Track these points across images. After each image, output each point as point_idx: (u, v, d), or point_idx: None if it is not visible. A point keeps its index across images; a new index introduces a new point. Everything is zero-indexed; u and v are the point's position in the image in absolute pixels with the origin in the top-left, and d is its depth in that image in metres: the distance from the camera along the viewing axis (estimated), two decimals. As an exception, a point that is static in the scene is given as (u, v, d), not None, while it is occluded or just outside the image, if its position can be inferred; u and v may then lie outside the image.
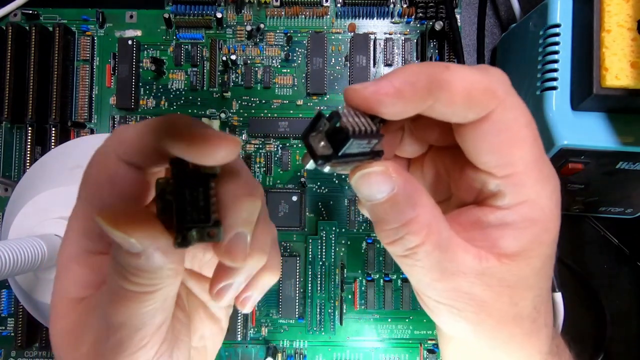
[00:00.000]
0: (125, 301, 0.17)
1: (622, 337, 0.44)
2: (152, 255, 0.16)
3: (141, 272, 0.16)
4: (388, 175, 0.18)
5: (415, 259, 0.18)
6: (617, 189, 0.37)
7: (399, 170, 0.18)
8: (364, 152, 0.17)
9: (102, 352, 0.18)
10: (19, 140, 0.42)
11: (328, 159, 0.16)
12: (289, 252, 0.42)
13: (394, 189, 0.17)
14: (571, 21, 0.33)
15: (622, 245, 0.44)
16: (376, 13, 0.42)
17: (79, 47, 0.43)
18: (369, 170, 0.18)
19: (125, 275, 0.16)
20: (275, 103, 0.43)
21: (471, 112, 0.17)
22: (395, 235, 0.18)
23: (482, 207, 0.19)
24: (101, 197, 0.18)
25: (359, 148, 0.17)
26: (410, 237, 0.18)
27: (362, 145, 0.17)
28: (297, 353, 0.42)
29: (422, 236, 0.18)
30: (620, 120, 0.32)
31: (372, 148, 0.18)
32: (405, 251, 0.18)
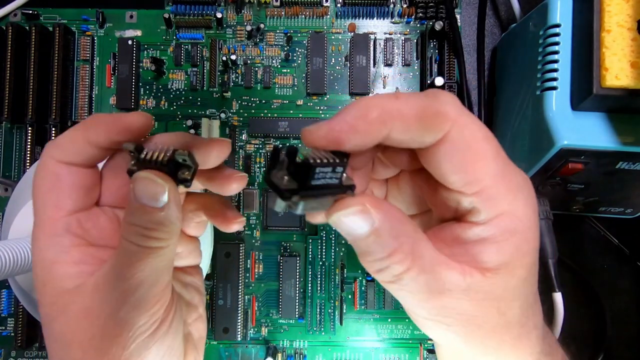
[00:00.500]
0: (145, 257, 0.19)
1: (622, 337, 0.44)
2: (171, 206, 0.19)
3: (161, 226, 0.19)
4: (366, 213, 0.18)
5: (402, 284, 0.19)
6: (617, 189, 0.37)
7: (377, 204, 0.18)
8: (333, 185, 0.17)
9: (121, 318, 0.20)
10: (19, 140, 0.42)
11: (295, 192, 0.16)
12: (289, 252, 0.42)
13: (374, 223, 0.18)
14: (571, 21, 0.33)
15: (622, 245, 0.44)
16: (376, 13, 0.42)
17: (79, 47, 0.43)
18: (346, 211, 0.18)
19: (145, 234, 0.19)
20: (275, 103, 0.43)
21: (427, 136, 0.18)
22: (380, 265, 0.18)
23: (460, 224, 0.20)
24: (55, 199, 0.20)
25: (325, 179, 0.17)
26: (395, 266, 0.18)
27: (328, 174, 0.17)
28: (297, 353, 0.42)
29: (407, 264, 0.18)
30: (620, 120, 0.32)
31: (341, 180, 0.17)
32: (392, 278, 0.19)
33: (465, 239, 0.19)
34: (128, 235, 0.19)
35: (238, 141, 0.43)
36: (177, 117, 0.43)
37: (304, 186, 0.16)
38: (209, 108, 0.43)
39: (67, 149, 0.20)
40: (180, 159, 0.19)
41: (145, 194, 0.19)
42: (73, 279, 0.20)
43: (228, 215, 0.24)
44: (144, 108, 0.43)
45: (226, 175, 0.23)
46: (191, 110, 0.43)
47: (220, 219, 0.24)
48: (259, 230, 0.42)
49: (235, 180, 0.23)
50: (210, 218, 0.25)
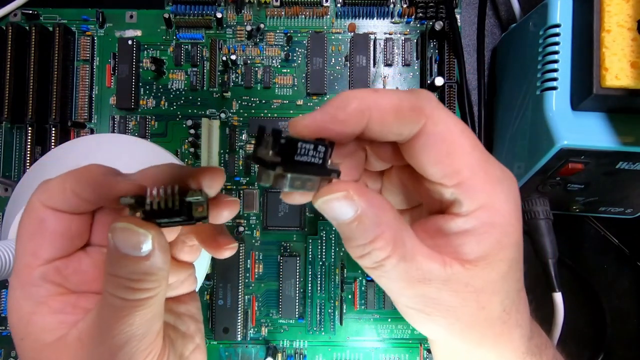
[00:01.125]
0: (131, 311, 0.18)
1: (622, 337, 0.44)
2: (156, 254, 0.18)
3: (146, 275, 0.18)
4: (350, 199, 0.18)
5: (383, 270, 0.19)
6: (617, 189, 0.37)
7: (361, 191, 0.19)
8: (318, 165, 0.18)
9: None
10: (19, 140, 0.42)
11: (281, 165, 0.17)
12: (289, 252, 0.42)
13: (358, 210, 0.18)
14: (571, 21, 0.33)
15: (622, 245, 0.44)
16: (376, 13, 0.42)
17: (79, 47, 0.43)
18: (331, 197, 0.18)
19: (130, 285, 0.18)
20: (275, 103, 0.43)
21: (404, 129, 0.19)
22: (362, 250, 0.19)
23: (444, 216, 0.20)
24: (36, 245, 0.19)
25: (308, 157, 0.17)
26: (377, 252, 0.19)
27: (310, 152, 0.17)
28: (297, 353, 0.42)
29: (388, 251, 0.19)
30: (620, 120, 0.32)
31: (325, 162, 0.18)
32: (374, 264, 0.19)
33: (448, 230, 0.20)
34: (111, 289, 0.18)
35: (238, 141, 0.43)
36: (177, 117, 0.43)
37: (288, 160, 0.17)
38: (209, 108, 0.43)
39: (54, 195, 0.19)
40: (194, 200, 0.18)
41: (127, 244, 0.17)
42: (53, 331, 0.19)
43: (220, 240, 0.23)
44: (144, 108, 0.43)
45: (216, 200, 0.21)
46: (191, 110, 0.43)
47: (212, 244, 0.23)
48: (259, 230, 0.42)
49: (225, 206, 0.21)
50: (201, 243, 0.23)
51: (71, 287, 0.20)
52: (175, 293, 0.24)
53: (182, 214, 0.18)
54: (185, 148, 0.42)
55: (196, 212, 0.19)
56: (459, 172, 0.19)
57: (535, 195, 0.38)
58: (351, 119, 0.18)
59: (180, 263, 0.24)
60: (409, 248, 0.19)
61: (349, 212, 0.18)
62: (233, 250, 0.23)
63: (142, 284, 0.18)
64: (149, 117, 0.43)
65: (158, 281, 0.18)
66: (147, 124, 0.42)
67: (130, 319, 0.18)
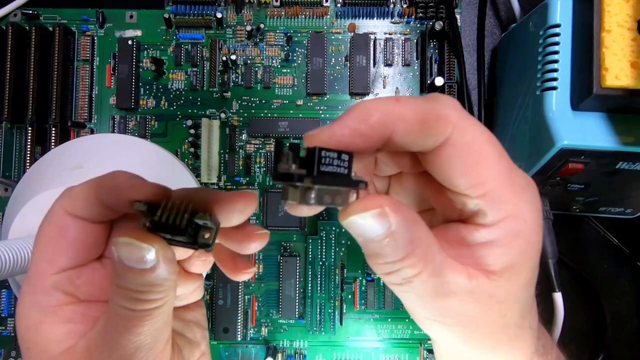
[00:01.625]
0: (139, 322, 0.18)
1: (622, 337, 0.44)
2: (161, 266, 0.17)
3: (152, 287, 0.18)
4: (385, 216, 0.17)
5: (410, 287, 0.18)
6: (617, 189, 0.37)
7: (396, 207, 0.17)
8: (344, 175, 0.16)
9: None
10: (19, 140, 0.42)
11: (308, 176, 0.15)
12: (289, 252, 0.42)
13: (391, 227, 0.17)
14: (571, 21, 0.33)
15: (622, 245, 0.44)
16: (376, 13, 0.42)
17: (79, 47, 0.43)
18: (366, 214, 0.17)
19: (136, 297, 0.18)
20: (275, 103, 0.43)
21: (429, 140, 0.18)
22: (391, 268, 0.18)
23: (466, 225, 0.19)
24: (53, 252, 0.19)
25: (333, 166, 0.16)
26: (407, 270, 0.18)
27: (335, 161, 0.16)
28: (297, 353, 0.42)
29: (419, 268, 0.18)
30: (620, 120, 0.32)
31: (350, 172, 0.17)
32: (401, 280, 0.18)
33: (471, 241, 0.19)
34: (118, 300, 0.18)
35: (238, 141, 0.43)
36: (177, 117, 0.43)
37: (313, 170, 0.15)
38: (209, 108, 0.43)
39: (78, 203, 0.19)
40: (201, 223, 0.18)
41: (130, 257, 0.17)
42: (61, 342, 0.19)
43: (238, 263, 0.22)
44: (144, 108, 0.43)
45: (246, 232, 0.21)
46: (191, 110, 0.43)
47: (229, 265, 0.22)
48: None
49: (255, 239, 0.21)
50: (218, 261, 0.23)
51: (82, 297, 0.20)
52: (183, 303, 0.24)
53: (185, 233, 0.17)
54: (185, 148, 0.42)
55: (202, 237, 0.18)
56: (485, 183, 0.18)
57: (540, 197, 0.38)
58: (374, 133, 0.17)
59: (190, 275, 0.23)
60: (438, 262, 0.18)
61: (381, 230, 0.17)
62: (250, 275, 0.23)
63: (149, 295, 0.18)
64: (149, 117, 0.43)
65: (165, 291, 0.18)
66: (147, 124, 0.42)
67: (138, 329, 0.18)
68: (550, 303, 0.38)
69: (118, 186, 0.19)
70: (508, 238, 0.18)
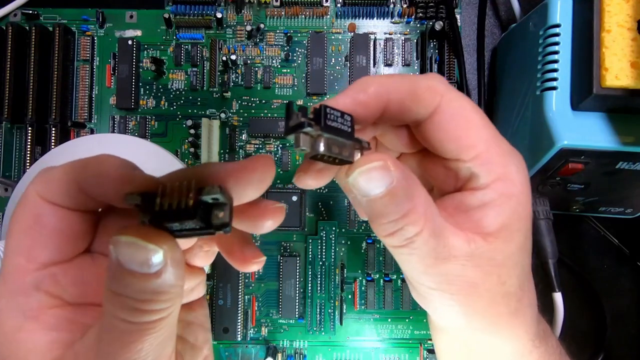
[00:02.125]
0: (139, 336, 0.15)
1: (622, 337, 0.44)
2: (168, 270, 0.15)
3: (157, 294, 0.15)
4: (387, 169, 0.18)
5: (412, 247, 0.19)
6: (617, 189, 0.37)
7: (396, 162, 0.18)
8: (348, 132, 0.18)
9: None
10: (19, 140, 0.42)
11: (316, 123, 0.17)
12: (289, 252, 0.42)
13: (393, 182, 0.18)
14: (571, 21, 0.33)
15: (622, 245, 0.44)
16: (376, 13, 0.42)
17: (79, 47, 0.43)
18: (369, 166, 0.18)
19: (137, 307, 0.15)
20: (275, 103, 0.43)
21: (420, 109, 0.20)
22: (393, 227, 0.19)
23: (462, 193, 0.21)
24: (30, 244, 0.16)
25: (337, 123, 0.18)
26: (409, 228, 0.18)
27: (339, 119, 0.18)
28: (297, 353, 0.42)
29: (420, 225, 0.18)
30: (620, 120, 0.32)
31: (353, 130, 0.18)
32: (404, 241, 0.19)
33: (468, 205, 0.20)
34: (114, 310, 0.15)
35: (238, 141, 0.43)
36: (177, 117, 0.43)
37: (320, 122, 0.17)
38: (209, 108, 0.43)
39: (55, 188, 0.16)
40: (210, 199, 0.15)
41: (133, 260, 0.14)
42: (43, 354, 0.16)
43: (246, 252, 0.20)
44: (144, 108, 0.43)
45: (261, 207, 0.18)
46: (191, 110, 0.43)
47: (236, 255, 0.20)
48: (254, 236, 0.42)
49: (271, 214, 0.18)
50: (224, 252, 0.20)
51: (68, 299, 0.17)
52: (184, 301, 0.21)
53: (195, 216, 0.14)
54: (185, 148, 0.42)
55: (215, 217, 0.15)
56: (475, 146, 0.20)
57: (535, 195, 0.38)
58: (372, 102, 0.19)
59: (192, 269, 0.21)
60: (438, 224, 0.19)
61: (382, 186, 0.18)
62: (260, 265, 0.20)
63: (152, 305, 0.15)
64: (149, 117, 0.43)
65: (171, 300, 0.15)
66: (147, 124, 0.42)
67: (138, 345, 0.15)
68: (550, 303, 0.38)
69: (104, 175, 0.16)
70: (501, 199, 0.20)
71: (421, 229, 0.18)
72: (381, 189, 0.18)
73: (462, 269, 0.19)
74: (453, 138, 0.20)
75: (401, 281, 0.42)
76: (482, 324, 0.21)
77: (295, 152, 0.42)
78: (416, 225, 0.18)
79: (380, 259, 0.42)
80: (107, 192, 0.16)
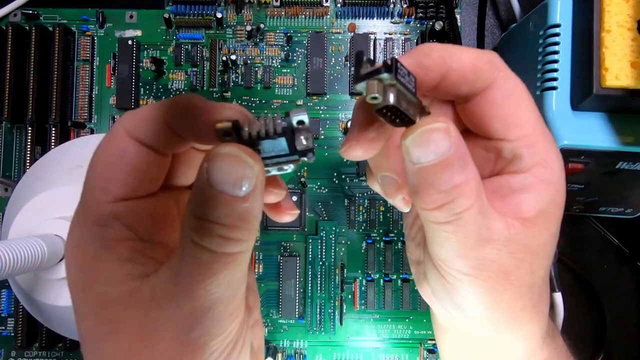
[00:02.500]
0: (222, 269, 0.15)
1: (622, 337, 0.44)
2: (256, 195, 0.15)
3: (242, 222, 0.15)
4: (448, 134, 0.17)
5: (459, 224, 0.18)
6: (617, 189, 0.37)
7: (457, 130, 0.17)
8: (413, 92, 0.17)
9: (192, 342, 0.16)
10: (19, 140, 0.42)
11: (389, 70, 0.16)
12: (289, 252, 0.42)
13: (450, 149, 0.17)
14: (571, 21, 0.33)
15: (622, 245, 0.44)
16: (376, 13, 0.42)
17: (79, 47, 0.43)
18: (431, 127, 0.17)
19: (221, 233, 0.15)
20: (275, 103, 0.43)
21: (478, 81, 0.19)
22: (445, 199, 0.17)
23: (502, 176, 0.20)
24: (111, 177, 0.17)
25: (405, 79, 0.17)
26: (461, 200, 0.17)
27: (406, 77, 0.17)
28: (297, 353, 0.42)
29: (472, 200, 0.17)
30: (620, 120, 0.32)
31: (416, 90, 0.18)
32: (451, 216, 0.18)
33: (507, 188, 0.20)
34: (197, 236, 0.15)
35: (238, 141, 0.43)
36: (177, 117, 0.42)
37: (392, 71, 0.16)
38: (209, 108, 0.43)
39: (143, 125, 0.17)
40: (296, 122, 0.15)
41: (228, 177, 0.15)
42: (120, 284, 0.16)
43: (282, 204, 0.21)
44: (144, 108, 0.43)
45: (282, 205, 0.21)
46: (191, 110, 0.43)
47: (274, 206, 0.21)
48: (259, 230, 0.42)
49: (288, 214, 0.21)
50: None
51: (141, 234, 0.17)
52: None
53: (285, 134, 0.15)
54: (185, 148, 0.42)
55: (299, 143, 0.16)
56: (523, 126, 0.19)
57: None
58: (434, 66, 0.19)
59: None
60: (485, 203, 0.18)
61: (442, 150, 0.17)
62: (294, 217, 0.22)
63: (236, 233, 0.15)
64: (149, 117, 0.42)
65: (252, 232, 0.16)
66: (147, 124, 0.42)
67: (219, 278, 0.15)
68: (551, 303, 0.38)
69: (193, 107, 0.16)
70: (541, 185, 0.19)
71: (472, 204, 0.17)
72: (437, 155, 0.17)
73: (498, 254, 0.19)
74: (503, 116, 0.19)
75: (401, 281, 0.42)
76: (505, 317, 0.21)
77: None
78: (468, 199, 0.17)
79: (380, 259, 0.42)
80: (196, 123, 0.16)
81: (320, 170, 0.42)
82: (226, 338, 0.17)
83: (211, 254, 0.15)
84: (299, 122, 0.15)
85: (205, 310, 0.16)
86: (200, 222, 0.15)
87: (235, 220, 0.15)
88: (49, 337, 0.39)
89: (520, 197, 0.19)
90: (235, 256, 0.15)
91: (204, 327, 0.16)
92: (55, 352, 0.41)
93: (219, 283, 0.15)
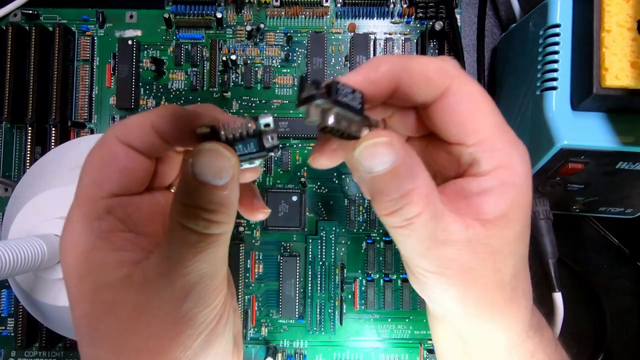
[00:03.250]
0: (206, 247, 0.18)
1: (622, 337, 0.44)
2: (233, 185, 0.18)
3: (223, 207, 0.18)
4: (392, 146, 0.18)
5: (412, 229, 0.19)
6: (617, 189, 0.37)
7: (401, 142, 0.19)
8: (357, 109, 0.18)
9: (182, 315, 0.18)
10: (19, 140, 0.42)
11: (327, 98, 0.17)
12: (289, 252, 0.42)
13: (397, 160, 0.18)
14: (571, 21, 0.33)
15: (622, 245, 0.44)
16: (376, 13, 0.42)
17: (79, 47, 0.43)
18: (375, 141, 0.18)
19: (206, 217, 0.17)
20: (275, 103, 0.43)
21: (431, 90, 0.20)
22: (394, 206, 0.19)
23: (463, 178, 0.21)
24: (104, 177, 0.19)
25: (348, 98, 0.18)
26: (410, 208, 0.18)
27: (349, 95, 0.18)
28: (297, 353, 0.42)
29: (421, 206, 0.18)
30: (620, 120, 0.32)
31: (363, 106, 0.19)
32: (404, 222, 0.19)
33: (468, 191, 0.20)
34: (185, 220, 0.17)
35: (238, 141, 0.43)
36: (177, 117, 0.43)
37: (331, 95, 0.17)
38: (209, 108, 0.43)
39: (132, 131, 0.19)
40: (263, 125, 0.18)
41: (210, 169, 0.17)
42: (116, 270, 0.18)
43: (255, 203, 0.24)
44: (144, 108, 0.43)
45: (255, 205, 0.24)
46: (191, 110, 0.43)
47: (247, 205, 0.24)
48: (258, 230, 0.42)
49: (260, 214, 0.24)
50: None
51: (132, 227, 0.20)
52: None
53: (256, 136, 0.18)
54: (185, 148, 0.42)
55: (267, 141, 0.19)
56: (479, 131, 0.20)
57: (535, 195, 0.38)
58: (383, 80, 0.19)
59: None
60: (438, 207, 0.19)
61: (387, 161, 0.18)
62: (266, 215, 0.24)
63: (217, 216, 0.18)
64: (149, 117, 0.42)
65: (230, 216, 0.18)
66: (147, 124, 0.42)
67: (204, 256, 0.18)
68: (550, 303, 0.38)
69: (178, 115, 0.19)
70: (501, 187, 0.20)
71: (421, 210, 0.18)
72: (385, 165, 0.18)
73: (459, 254, 0.19)
74: (458, 122, 0.20)
75: (401, 281, 0.42)
76: (476, 311, 0.21)
77: (293, 151, 0.42)
78: (417, 205, 0.18)
79: (380, 259, 0.42)
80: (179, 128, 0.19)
81: (320, 170, 0.42)
82: (212, 311, 0.19)
83: (198, 235, 0.18)
84: (266, 124, 0.18)
85: (194, 284, 0.18)
86: (187, 208, 0.17)
87: (216, 206, 0.18)
88: (49, 337, 0.39)
89: (482, 200, 0.20)
90: (217, 237, 0.18)
91: (193, 300, 0.18)
92: (55, 352, 0.41)
93: (205, 259, 0.18)
